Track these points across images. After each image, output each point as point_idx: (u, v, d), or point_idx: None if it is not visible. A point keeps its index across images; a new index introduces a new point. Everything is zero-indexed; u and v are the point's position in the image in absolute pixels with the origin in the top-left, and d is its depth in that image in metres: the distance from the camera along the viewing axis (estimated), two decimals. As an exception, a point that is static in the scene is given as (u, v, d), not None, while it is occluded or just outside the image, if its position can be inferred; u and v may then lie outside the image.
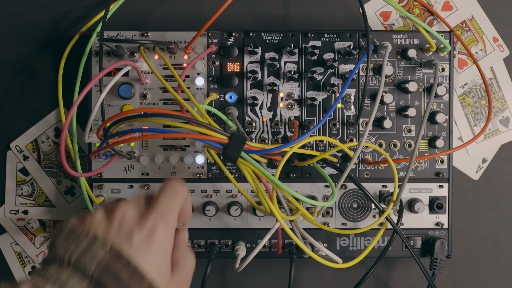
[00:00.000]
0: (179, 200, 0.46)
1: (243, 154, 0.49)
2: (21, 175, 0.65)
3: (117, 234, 0.42)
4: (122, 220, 0.42)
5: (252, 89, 0.61)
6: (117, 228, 0.42)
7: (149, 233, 0.42)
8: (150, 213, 0.43)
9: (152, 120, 0.48)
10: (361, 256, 0.56)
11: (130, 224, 0.42)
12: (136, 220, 0.43)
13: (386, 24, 0.66)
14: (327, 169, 0.61)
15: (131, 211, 0.43)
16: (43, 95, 0.64)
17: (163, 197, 0.45)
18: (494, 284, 0.67)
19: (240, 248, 0.60)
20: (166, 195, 0.45)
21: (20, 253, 0.65)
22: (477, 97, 0.66)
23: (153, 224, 0.42)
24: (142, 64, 0.60)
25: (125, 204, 0.44)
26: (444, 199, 0.61)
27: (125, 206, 0.44)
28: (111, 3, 0.59)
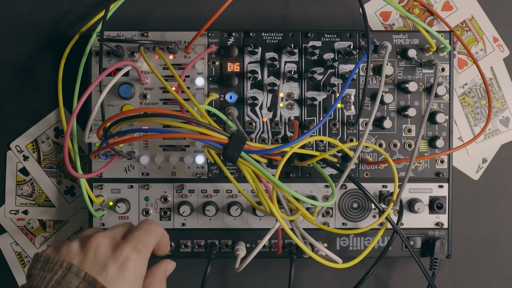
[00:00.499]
0: (154, 236, 0.48)
1: (243, 154, 0.49)
2: (21, 175, 0.65)
3: (92, 264, 0.43)
4: (97, 250, 0.44)
5: (252, 89, 0.61)
6: (92, 258, 0.44)
7: (123, 264, 0.44)
8: (125, 245, 0.45)
9: (152, 120, 0.48)
10: (361, 256, 0.56)
11: (105, 255, 0.44)
12: (111, 251, 0.44)
13: (386, 24, 0.66)
14: (327, 169, 0.61)
15: (106, 242, 0.45)
16: (43, 95, 0.64)
17: (138, 232, 0.47)
18: (494, 284, 0.67)
19: (240, 248, 0.60)
20: (141, 230, 0.48)
21: (20, 253, 0.65)
22: (477, 97, 0.66)
23: (127, 256, 0.44)
24: (142, 64, 0.60)
25: (100, 235, 0.46)
26: (444, 199, 0.61)
27: (99, 237, 0.45)
28: (111, 3, 0.59)
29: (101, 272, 0.43)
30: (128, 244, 0.45)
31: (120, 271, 0.43)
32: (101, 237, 0.46)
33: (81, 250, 0.45)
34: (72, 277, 0.42)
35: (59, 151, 0.65)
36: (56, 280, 0.42)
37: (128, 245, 0.45)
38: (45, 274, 0.43)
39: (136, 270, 0.44)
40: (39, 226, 0.65)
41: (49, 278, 0.42)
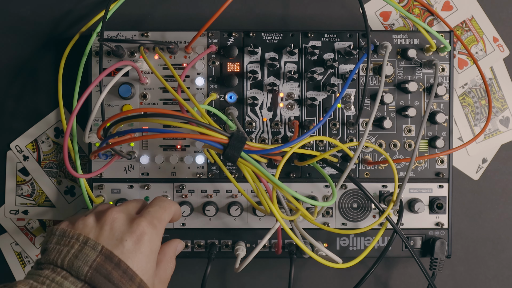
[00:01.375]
0: (168, 212, 0.50)
1: (243, 154, 0.49)
2: (21, 175, 0.65)
3: (109, 238, 0.44)
4: (113, 225, 0.45)
5: (252, 89, 0.61)
6: (108, 232, 0.45)
7: (139, 238, 0.45)
8: (141, 220, 0.46)
9: (152, 120, 0.48)
10: (361, 256, 0.56)
11: (121, 229, 0.45)
12: (127, 225, 0.45)
13: (386, 24, 0.66)
14: (327, 169, 0.61)
15: (122, 217, 0.46)
16: (43, 95, 0.64)
17: (153, 208, 0.49)
18: (494, 284, 0.67)
19: (240, 248, 0.60)
20: (156, 206, 0.49)
21: (20, 253, 0.65)
22: (477, 97, 0.66)
23: (143, 230, 0.45)
24: (142, 64, 0.60)
25: (116, 209, 0.47)
26: (444, 199, 0.61)
27: (115, 211, 0.46)
28: (111, 3, 0.59)
29: (117, 246, 0.44)
30: (144, 219, 0.46)
31: (136, 245, 0.44)
32: (117, 211, 0.46)
33: (97, 224, 0.45)
34: (89, 251, 0.43)
35: (59, 151, 0.65)
36: (73, 253, 0.43)
37: (144, 219, 0.46)
38: (62, 247, 0.43)
39: (151, 245, 0.45)
40: (39, 226, 0.65)
41: (66, 252, 0.43)
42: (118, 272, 0.42)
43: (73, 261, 0.42)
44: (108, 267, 0.42)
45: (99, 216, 0.47)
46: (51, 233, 0.45)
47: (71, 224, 0.46)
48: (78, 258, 0.42)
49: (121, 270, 0.43)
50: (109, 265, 0.42)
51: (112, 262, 0.42)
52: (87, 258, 0.42)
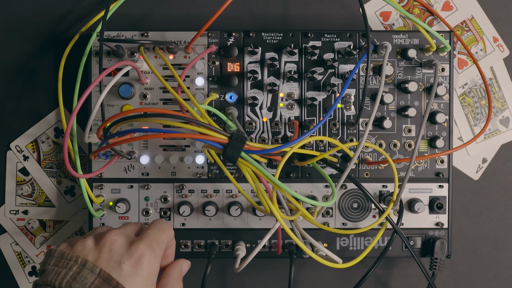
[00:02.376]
0: (166, 235, 0.49)
1: (243, 154, 0.49)
2: (21, 175, 0.65)
3: (107, 260, 0.44)
4: (112, 247, 0.45)
5: (252, 89, 0.61)
6: (107, 254, 0.44)
7: (137, 261, 0.45)
8: (139, 243, 0.46)
9: (152, 120, 0.48)
10: (361, 256, 0.56)
11: (120, 251, 0.45)
12: (125, 248, 0.45)
13: (386, 24, 0.66)
14: (327, 169, 0.61)
15: (121, 239, 0.46)
16: (43, 95, 0.64)
17: (152, 230, 0.48)
18: (494, 284, 0.67)
19: (240, 248, 0.60)
20: (155, 229, 0.49)
21: (20, 253, 0.65)
22: (477, 97, 0.66)
23: (142, 253, 0.45)
24: (142, 64, 0.60)
25: (115, 232, 0.47)
26: (444, 199, 0.61)
27: (114, 234, 0.46)
28: (111, 3, 0.59)
29: (115, 269, 0.44)
30: (143, 242, 0.46)
31: (134, 267, 0.44)
32: (116, 234, 0.46)
33: (95, 247, 0.45)
34: (87, 273, 0.43)
35: (59, 151, 0.65)
36: (71, 275, 0.42)
37: (143, 242, 0.46)
38: (60, 269, 0.43)
39: (150, 267, 0.45)
40: (39, 226, 0.65)
41: (64, 274, 0.43)
42: None
43: (71, 283, 0.42)
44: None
45: (98, 238, 0.46)
46: (49, 254, 0.45)
47: (69, 246, 0.46)
48: (76, 281, 0.42)
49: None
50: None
51: (110, 285, 0.42)
52: (85, 280, 0.42)
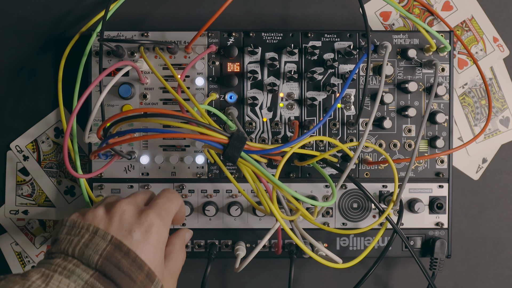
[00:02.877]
0: (175, 204, 0.51)
1: (243, 154, 0.49)
2: (21, 175, 0.65)
3: (118, 229, 0.46)
4: (122, 216, 0.47)
5: (252, 89, 0.61)
6: (118, 223, 0.46)
7: (147, 229, 0.46)
8: (149, 212, 0.47)
9: (152, 120, 0.48)
10: (361, 256, 0.56)
11: (130, 221, 0.46)
12: (135, 217, 0.47)
13: (386, 24, 0.66)
14: (327, 169, 0.61)
15: (131, 208, 0.47)
16: (43, 95, 0.64)
17: (161, 200, 0.50)
18: (494, 284, 0.67)
19: (240, 248, 0.60)
20: (164, 198, 0.50)
21: (20, 253, 0.65)
22: (477, 97, 0.66)
23: (151, 221, 0.47)
24: (142, 64, 0.60)
25: (125, 201, 0.48)
26: (444, 199, 0.61)
27: (124, 204, 0.48)
28: (111, 3, 0.59)
29: (126, 237, 0.45)
30: (152, 210, 0.48)
31: (144, 236, 0.46)
32: (126, 203, 0.48)
33: (106, 216, 0.47)
34: (99, 240, 0.44)
35: (59, 151, 0.65)
36: (83, 243, 0.44)
37: (152, 211, 0.47)
38: (72, 237, 0.45)
39: (159, 236, 0.47)
40: (39, 226, 0.65)
41: (77, 241, 0.44)
42: (127, 261, 0.44)
43: (84, 250, 0.43)
44: (117, 256, 0.43)
45: (109, 207, 0.48)
46: (61, 224, 0.47)
47: (81, 216, 0.47)
48: (89, 247, 0.44)
49: (130, 259, 0.44)
50: (119, 254, 0.44)
51: (121, 251, 0.44)
52: (97, 247, 0.44)
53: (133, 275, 0.43)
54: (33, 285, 0.40)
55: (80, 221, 0.46)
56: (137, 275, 0.44)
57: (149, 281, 0.45)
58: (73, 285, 0.41)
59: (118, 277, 0.43)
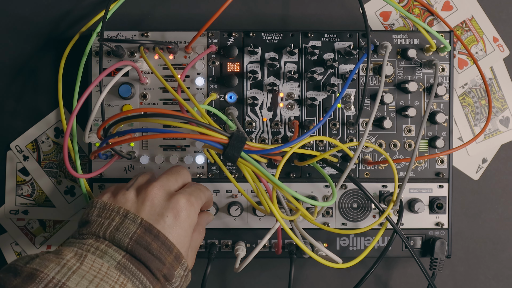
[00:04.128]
0: (203, 193, 0.53)
1: (243, 154, 0.49)
2: (21, 175, 0.65)
3: (150, 213, 0.47)
4: (154, 201, 0.48)
5: (252, 89, 0.61)
6: (150, 208, 0.48)
7: (178, 213, 0.48)
8: (180, 197, 0.49)
9: (152, 120, 0.48)
10: (361, 256, 0.56)
11: (162, 205, 0.48)
12: (166, 201, 0.49)
13: (386, 24, 0.66)
14: (327, 169, 0.61)
15: (162, 194, 0.49)
16: (43, 95, 0.64)
17: (191, 188, 0.52)
18: (494, 284, 0.67)
19: (240, 248, 0.60)
20: (193, 187, 0.53)
21: (20, 253, 0.65)
22: (477, 97, 0.66)
23: (181, 206, 0.49)
24: (142, 64, 0.60)
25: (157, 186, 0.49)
26: (444, 199, 0.61)
27: (156, 188, 0.49)
28: (111, 3, 0.59)
29: (159, 221, 0.47)
30: (183, 196, 0.49)
31: (176, 220, 0.48)
32: (158, 188, 0.49)
33: (137, 199, 0.48)
34: (129, 223, 0.46)
35: (59, 151, 0.65)
36: (114, 226, 0.46)
37: (183, 196, 0.49)
38: (103, 220, 0.46)
39: (190, 220, 0.49)
40: (39, 226, 0.65)
41: (107, 224, 0.46)
42: (157, 243, 0.45)
43: (115, 233, 0.45)
44: (148, 239, 0.45)
45: (140, 190, 0.49)
46: (91, 205, 0.48)
47: (112, 197, 0.49)
48: (119, 231, 0.45)
49: (160, 241, 0.46)
50: (149, 237, 0.45)
51: (151, 234, 0.45)
52: (128, 230, 0.45)
53: (162, 257, 0.45)
54: (68, 263, 0.42)
55: (110, 203, 0.48)
56: (166, 257, 0.46)
57: (177, 262, 0.47)
58: (107, 265, 0.43)
59: (148, 259, 0.45)
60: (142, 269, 0.44)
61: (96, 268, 0.43)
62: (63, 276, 0.41)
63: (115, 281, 0.43)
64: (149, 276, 0.45)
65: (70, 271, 0.41)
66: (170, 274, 0.46)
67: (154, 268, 0.45)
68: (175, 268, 0.47)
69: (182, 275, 0.48)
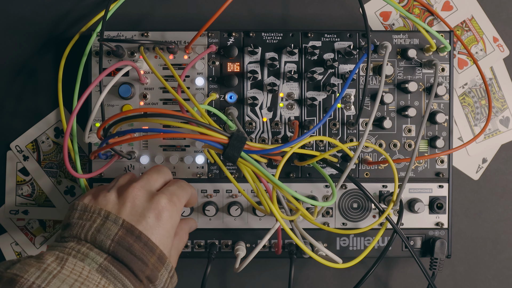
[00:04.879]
0: (185, 192, 0.52)
1: (243, 154, 0.49)
2: (21, 175, 0.65)
3: (131, 214, 0.47)
4: (135, 202, 0.47)
5: (252, 89, 0.61)
6: (130, 208, 0.47)
7: (160, 214, 0.47)
8: (161, 197, 0.48)
9: (152, 120, 0.48)
10: (361, 256, 0.56)
11: (143, 206, 0.47)
12: (148, 202, 0.48)
13: (386, 24, 0.66)
14: (327, 169, 0.61)
15: (143, 194, 0.48)
16: (43, 95, 0.64)
17: (172, 187, 0.51)
18: (494, 284, 0.67)
19: (240, 248, 0.60)
20: (175, 186, 0.51)
21: (20, 253, 0.65)
22: (477, 97, 0.66)
23: (163, 206, 0.48)
24: (142, 64, 0.60)
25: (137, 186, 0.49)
26: (444, 199, 0.61)
27: (137, 189, 0.48)
28: (111, 3, 0.59)
29: (140, 222, 0.46)
30: (164, 196, 0.49)
31: (157, 220, 0.47)
32: (138, 188, 0.49)
33: (118, 201, 0.48)
34: (110, 225, 0.45)
35: (59, 151, 0.65)
36: (95, 228, 0.45)
37: (164, 196, 0.49)
38: (84, 222, 0.46)
39: (172, 220, 0.48)
40: (39, 226, 0.65)
41: (89, 226, 0.45)
42: (139, 244, 0.45)
43: (96, 235, 0.44)
44: (129, 240, 0.45)
45: (121, 191, 0.49)
46: (72, 208, 0.48)
47: (93, 199, 0.48)
48: (101, 232, 0.45)
49: (142, 243, 0.45)
50: (131, 238, 0.45)
51: (133, 235, 0.45)
52: (109, 232, 0.45)
53: (145, 258, 0.45)
54: (49, 267, 0.41)
55: (91, 205, 0.47)
56: (149, 258, 0.45)
57: (160, 263, 0.46)
58: (88, 268, 0.43)
59: (130, 261, 0.44)
60: (124, 271, 0.44)
61: (77, 272, 0.42)
62: (43, 281, 0.40)
63: (96, 284, 0.42)
64: (132, 278, 0.44)
65: (50, 276, 0.41)
66: (154, 275, 0.45)
67: (136, 269, 0.44)
68: (159, 269, 0.46)
69: (166, 276, 0.47)
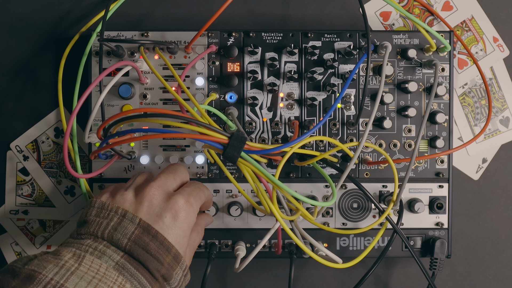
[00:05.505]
0: (203, 193, 0.53)
1: (243, 154, 0.49)
2: (21, 175, 0.65)
3: (148, 213, 0.47)
4: (152, 201, 0.48)
5: (252, 89, 0.61)
6: (148, 208, 0.48)
7: (176, 214, 0.48)
8: (178, 197, 0.49)
9: (152, 120, 0.48)
10: (361, 256, 0.56)
11: (160, 205, 0.48)
12: (165, 202, 0.48)
13: (386, 24, 0.66)
14: (327, 169, 0.61)
15: (160, 194, 0.49)
16: (43, 95, 0.64)
17: (189, 188, 0.52)
18: (494, 284, 0.67)
19: (240, 248, 0.60)
20: (192, 186, 0.52)
21: (20, 253, 0.65)
22: (477, 97, 0.66)
23: (180, 207, 0.48)
24: (142, 64, 0.60)
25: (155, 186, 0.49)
26: (444, 199, 0.61)
27: (154, 189, 0.49)
28: (111, 3, 0.59)
29: (157, 221, 0.47)
30: (181, 196, 0.49)
31: (174, 220, 0.48)
32: (156, 188, 0.49)
33: (136, 200, 0.48)
34: (127, 223, 0.46)
35: (59, 151, 0.65)
36: (112, 226, 0.46)
37: (181, 196, 0.49)
38: (101, 220, 0.46)
39: (188, 220, 0.49)
40: (39, 226, 0.65)
41: (106, 224, 0.46)
42: (155, 244, 0.45)
43: (113, 233, 0.45)
44: (146, 239, 0.45)
45: (138, 191, 0.49)
46: (90, 205, 0.48)
47: (110, 197, 0.49)
48: (118, 231, 0.45)
49: (158, 242, 0.46)
50: (147, 237, 0.45)
51: (149, 234, 0.45)
52: (126, 230, 0.45)
53: (160, 258, 0.45)
54: (66, 264, 0.42)
55: (109, 203, 0.47)
56: (164, 257, 0.46)
57: (175, 262, 0.47)
58: (105, 265, 0.43)
59: (146, 259, 0.45)
60: (141, 269, 0.45)
61: (94, 269, 0.43)
62: (61, 277, 0.41)
63: (114, 281, 0.43)
64: (148, 276, 0.45)
65: (68, 272, 0.41)
66: (169, 274, 0.46)
67: (152, 268, 0.45)
68: (174, 268, 0.47)
69: (181, 275, 0.48)
